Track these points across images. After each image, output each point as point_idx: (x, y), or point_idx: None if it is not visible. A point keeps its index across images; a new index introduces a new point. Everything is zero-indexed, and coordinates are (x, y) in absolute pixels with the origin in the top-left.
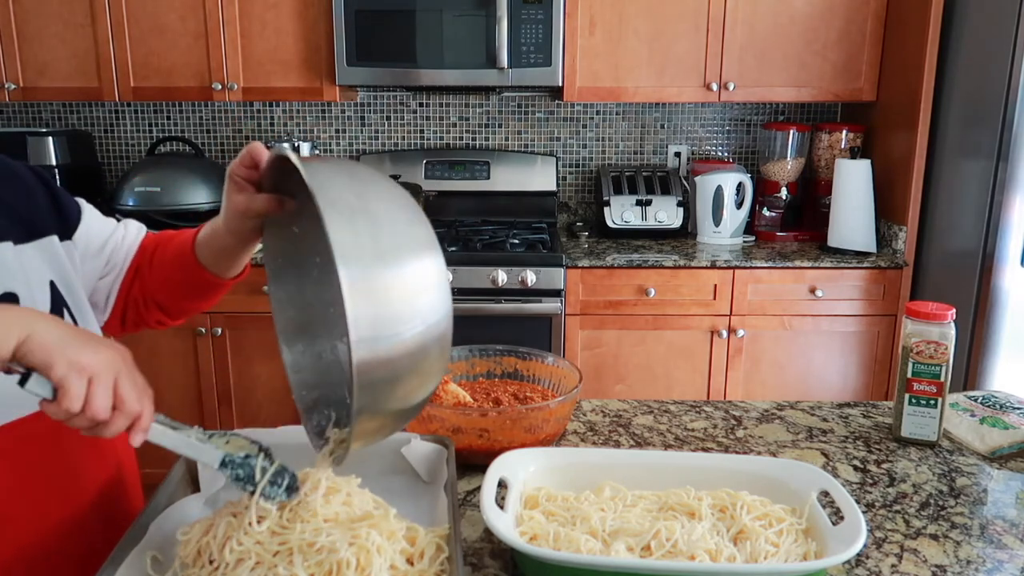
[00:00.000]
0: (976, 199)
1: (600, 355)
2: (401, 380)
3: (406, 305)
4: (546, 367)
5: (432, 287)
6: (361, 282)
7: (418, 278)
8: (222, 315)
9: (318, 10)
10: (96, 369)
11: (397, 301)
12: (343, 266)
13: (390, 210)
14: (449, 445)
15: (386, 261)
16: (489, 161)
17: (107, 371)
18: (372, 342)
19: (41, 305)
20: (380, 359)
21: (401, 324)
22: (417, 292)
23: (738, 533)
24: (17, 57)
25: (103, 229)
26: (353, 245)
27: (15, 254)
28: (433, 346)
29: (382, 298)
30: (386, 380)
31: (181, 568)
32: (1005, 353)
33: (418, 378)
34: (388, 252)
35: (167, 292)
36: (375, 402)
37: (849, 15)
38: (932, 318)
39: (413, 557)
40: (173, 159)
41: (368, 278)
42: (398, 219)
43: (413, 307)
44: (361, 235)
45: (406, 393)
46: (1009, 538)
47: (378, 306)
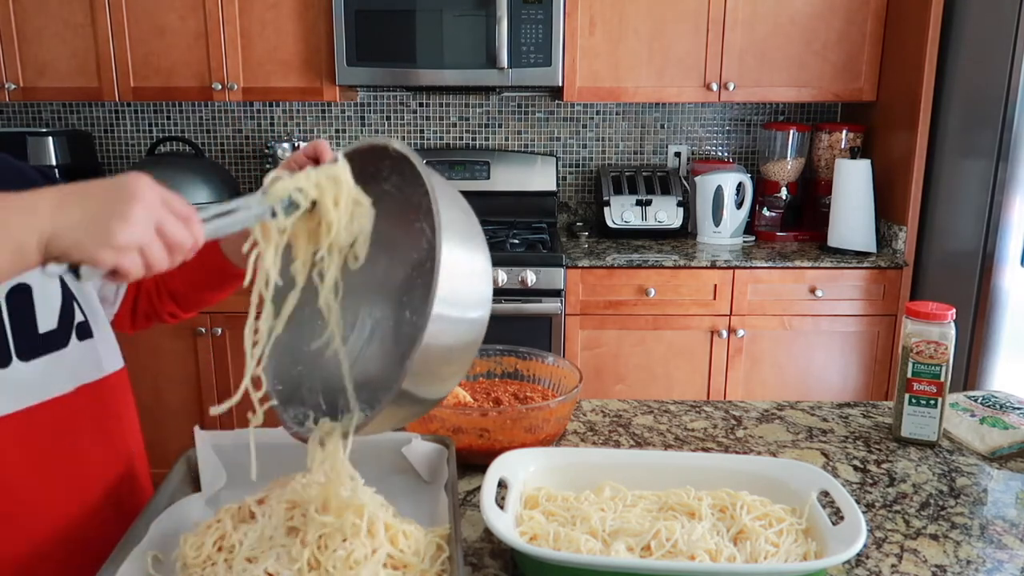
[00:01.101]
0: (976, 199)
1: (600, 355)
2: (451, 362)
3: (476, 291)
4: (546, 367)
5: (489, 284)
6: (453, 262)
7: (486, 268)
8: (222, 315)
9: (318, 10)
10: (138, 239)
11: (473, 286)
12: (447, 242)
13: (467, 205)
14: (449, 445)
15: (471, 246)
16: (489, 161)
17: (148, 232)
18: (445, 321)
19: (52, 298)
20: (444, 338)
21: (470, 308)
22: (485, 281)
23: (738, 533)
24: (17, 57)
25: None
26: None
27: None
28: (478, 337)
29: (465, 280)
30: (440, 360)
31: (182, 569)
32: (1005, 353)
33: (459, 367)
34: (473, 238)
35: (184, 280)
36: (421, 379)
37: (849, 15)
38: (932, 318)
39: (406, 560)
40: (173, 159)
41: (459, 259)
42: (471, 213)
43: (481, 295)
44: (457, 221)
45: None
46: (1009, 538)
47: (460, 287)
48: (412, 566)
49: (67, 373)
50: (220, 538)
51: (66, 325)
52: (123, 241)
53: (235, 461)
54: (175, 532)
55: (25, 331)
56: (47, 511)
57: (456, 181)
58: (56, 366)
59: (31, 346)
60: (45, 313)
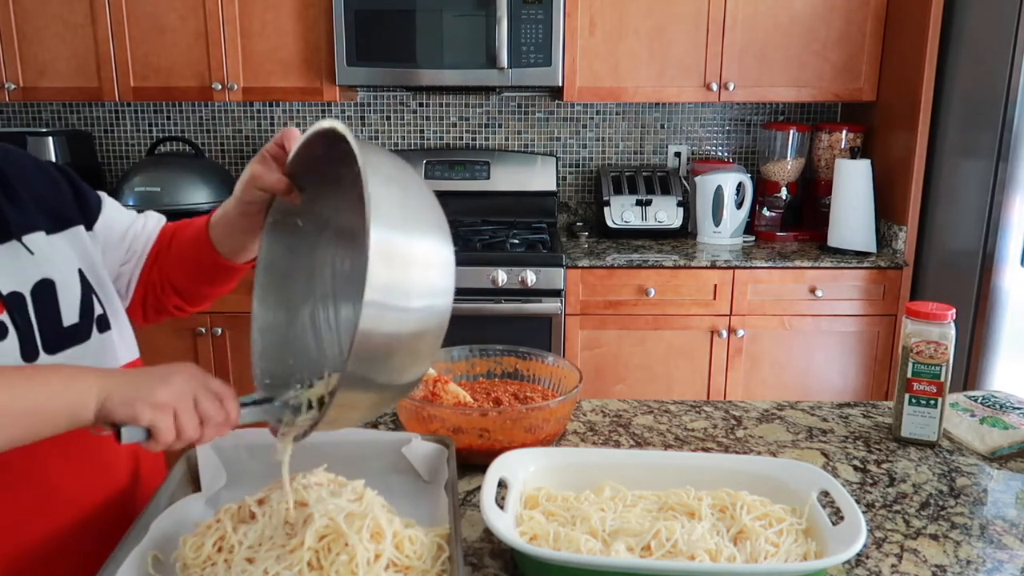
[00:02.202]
0: (976, 199)
1: (600, 355)
2: (397, 352)
3: (420, 277)
4: (546, 367)
5: (444, 265)
6: (386, 246)
7: (433, 253)
8: (222, 315)
9: (318, 10)
10: (174, 402)
11: (415, 274)
12: (376, 227)
13: (418, 186)
14: (449, 445)
15: (410, 229)
16: (489, 161)
17: (184, 398)
18: (382, 307)
19: (74, 291)
20: (384, 326)
21: (412, 296)
22: (430, 266)
23: (738, 533)
24: (17, 57)
25: (123, 220)
26: (388, 208)
27: (48, 243)
28: (433, 326)
29: (402, 267)
30: (383, 348)
31: (182, 570)
32: (1005, 353)
33: (411, 356)
34: (413, 221)
35: (183, 274)
36: (367, 369)
37: (849, 15)
38: (932, 318)
39: (410, 563)
40: (173, 159)
41: (394, 243)
42: (424, 196)
43: (427, 284)
44: (394, 201)
45: (398, 367)
46: (1009, 538)
47: (396, 272)
48: (414, 568)
49: (90, 364)
50: (220, 539)
51: (87, 318)
52: (161, 399)
53: (235, 461)
54: (175, 532)
55: (50, 325)
56: (70, 501)
57: (456, 181)
58: (80, 359)
59: (56, 340)
60: (68, 307)
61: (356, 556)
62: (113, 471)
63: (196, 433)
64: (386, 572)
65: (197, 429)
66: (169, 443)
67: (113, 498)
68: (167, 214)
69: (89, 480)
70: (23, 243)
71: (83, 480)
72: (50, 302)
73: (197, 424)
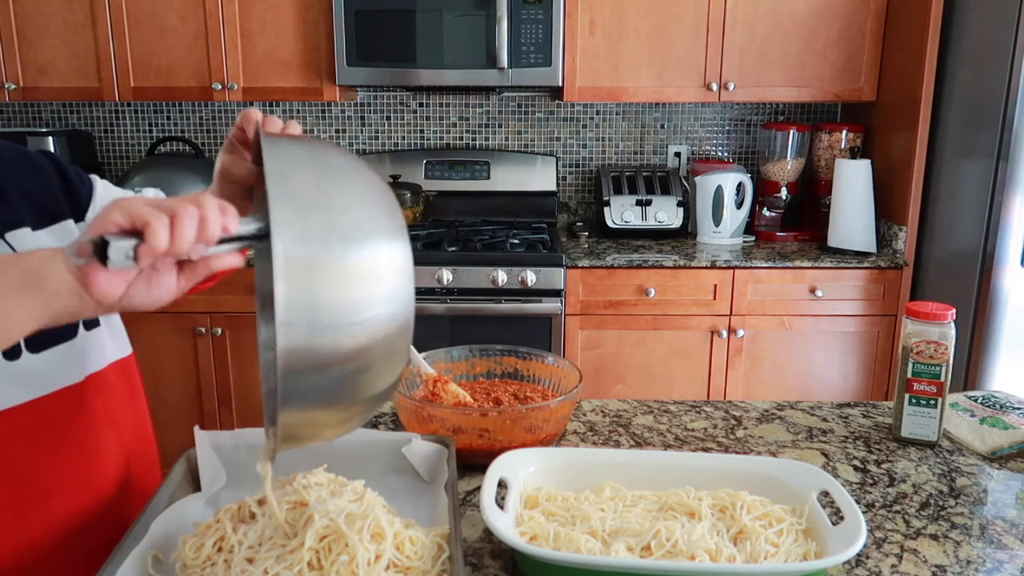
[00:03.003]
0: (976, 199)
1: (600, 355)
2: (337, 368)
3: (350, 292)
4: (546, 367)
5: (385, 277)
6: (299, 260)
7: (365, 261)
8: (222, 315)
9: (318, 10)
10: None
11: (340, 286)
12: (279, 239)
13: (350, 190)
14: (449, 445)
15: (332, 242)
16: (489, 161)
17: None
18: (305, 327)
19: None
20: (312, 347)
21: (342, 312)
22: (366, 280)
23: (738, 533)
24: (17, 57)
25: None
26: (296, 219)
27: (34, 239)
28: (380, 336)
29: (320, 280)
30: (316, 366)
31: (182, 570)
32: (1005, 353)
33: (362, 370)
34: (337, 233)
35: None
36: (303, 394)
37: (849, 15)
38: (932, 318)
39: (410, 564)
40: (173, 159)
41: (308, 256)
42: (358, 201)
43: (360, 296)
44: (309, 212)
45: (351, 382)
46: (1009, 538)
47: (316, 288)
48: (414, 568)
49: (76, 363)
50: (220, 539)
51: None
52: (131, 203)
53: (235, 461)
54: (175, 532)
55: None
56: (58, 500)
57: (456, 181)
58: (65, 356)
59: (41, 338)
60: None
61: (356, 556)
62: (100, 474)
63: (192, 219)
64: (387, 572)
65: (193, 215)
66: (165, 237)
67: (101, 502)
68: None
69: (75, 484)
70: (6, 241)
71: (68, 483)
72: None
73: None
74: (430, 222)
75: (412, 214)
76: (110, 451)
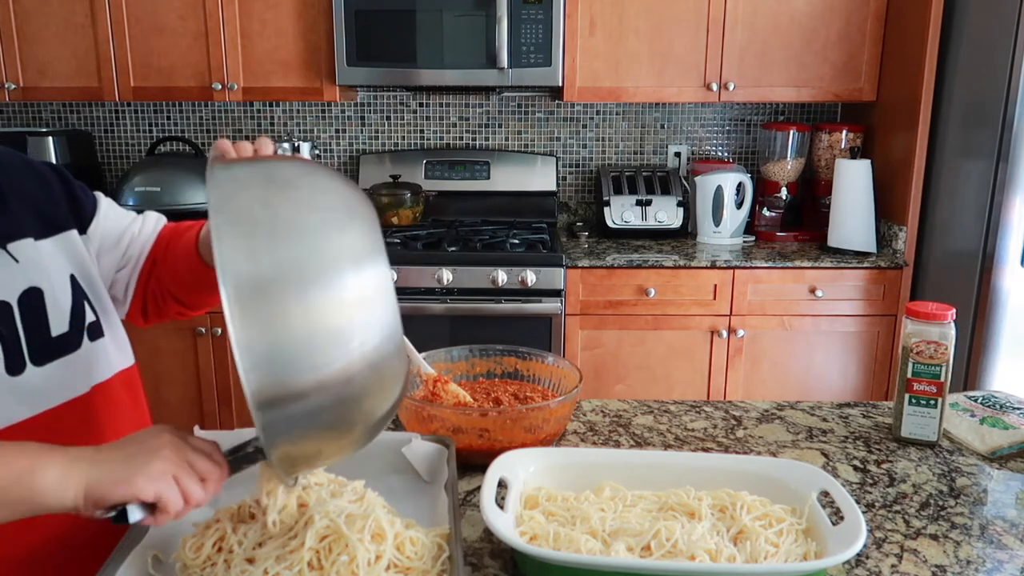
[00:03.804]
0: (976, 199)
1: (600, 355)
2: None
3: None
4: (546, 367)
5: (352, 305)
6: (252, 304)
7: (333, 298)
8: (222, 315)
9: (318, 10)
10: (172, 469)
11: (303, 326)
12: (226, 287)
13: (309, 219)
14: (449, 445)
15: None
16: (489, 161)
17: (180, 463)
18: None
19: (63, 299)
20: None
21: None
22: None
23: (738, 533)
24: (17, 57)
25: (120, 222)
26: (246, 263)
27: (36, 249)
28: (361, 373)
29: (283, 323)
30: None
31: (181, 570)
32: (1005, 353)
33: (351, 400)
34: (292, 275)
35: (179, 287)
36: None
37: (849, 15)
38: (932, 318)
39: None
40: (173, 159)
41: (264, 299)
42: (318, 229)
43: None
44: (259, 251)
45: (341, 412)
46: (1009, 538)
47: (278, 332)
48: (415, 568)
49: (81, 375)
50: (220, 539)
51: (78, 326)
52: (157, 469)
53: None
54: (175, 531)
55: (38, 335)
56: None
57: (456, 181)
58: (69, 369)
59: (44, 350)
60: (57, 316)
61: (357, 557)
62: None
63: (201, 494)
64: (387, 572)
65: (201, 489)
66: (178, 511)
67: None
68: (167, 214)
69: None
70: (8, 251)
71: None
72: (38, 311)
73: (198, 486)
74: (430, 222)
75: (412, 214)
76: None
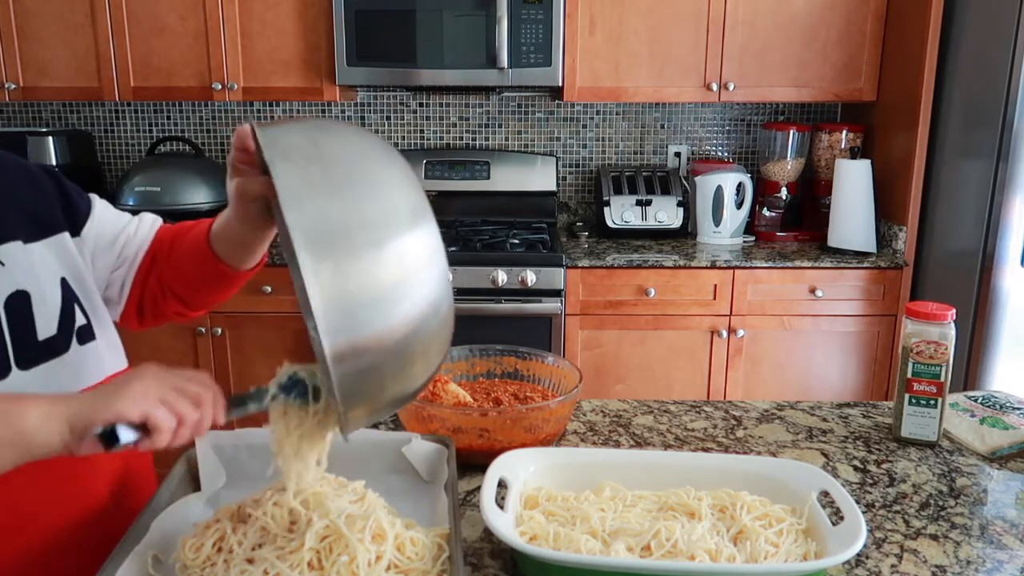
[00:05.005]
0: (976, 199)
1: (600, 355)
2: (388, 369)
3: (388, 286)
4: (546, 367)
5: (420, 264)
6: (328, 265)
7: (400, 255)
8: (222, 315)
9: (318, 10)
10: (159, 391)
11: (375, 283)
12: (305, 251)
13: (368, 178)
14: (449, 445)
15: (358, 239)
16: (489, 161)
17: (167, 386)
18: (348, 331)
19: (51, 302)
20: (359, 348)
21: (383, 309)
22: (401, 271)
23: (738, 533)
24: (17, 57)
25: (115, 223)
26: (319, 227)
27: (24, 253)
28: (426, 328)
29: (357, 282)
30: (370, 369)
31: (181, 570)
32: (1005, 353)
33: (411, 365)
34: (362, 227)
35: (184, 283)
36: (359, 391)
37: (849, 15)
38: (932, 318)
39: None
40: (173, 159)
41: (338, 259)
42: (378, 188)
43: (398, 288)
44: (330, 212)
45: (396, 381)
46: (1009, 538)
47: (352, 291)
48: (415, 569)
49: (69, 378)
50: (220, 539)
51: (67, 330)
52: (139, 390)
53: (235, 461)
54: (175, 531)
55: (24, 339)
56: (50, 516)
57: (456, 181)
58: (57, 372)
59: (31, 354)
60: (44, 319)
61: (357, 557)
62: (90, 489)
63: (195, 414)
64: (387, 573)
65: (194, 411)
66: (171, 431)
67: (91, 517)
68: (167, 214)
69: (70, 501)
70: None
71: (63, 501)
72: (24, 314)
73: (192, 407)
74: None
75: None
76: (105, 465)
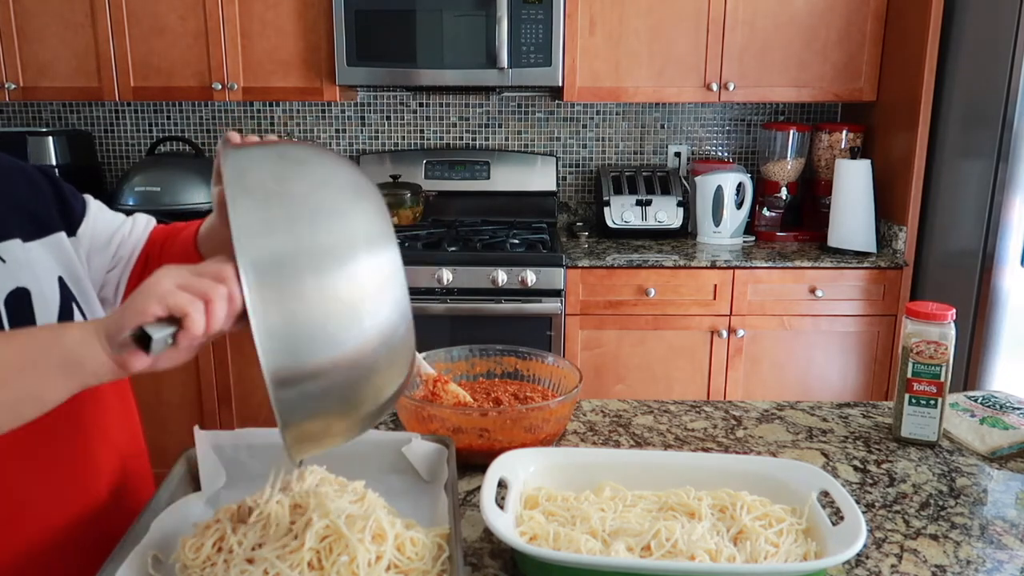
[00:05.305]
0: (976, 199)
1: (600, 355)
2: (332, 397)
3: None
4: (546, 367)
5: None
6: (272, 292)
7: (350, 284)
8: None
9: (318, 10)
10: (181, 283)
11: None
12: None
13: (328, 209)
14: (449, 445)
15: (305, 272)
16: (489, 161)
17: (186, 276)
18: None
19: (51, 300)
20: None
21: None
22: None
23: (738, 533)
24: (17, 57)
25: (109, 224)
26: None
27: (23, 251)
28: (376, 354)
29: (304, 314)
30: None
31: (181, 570)
32: (1005, 353)
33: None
34: (310, 259)
35: None
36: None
37: (849, 15)
38: (932, 318)
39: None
40: (173, 159)
41: (283, 292)
42: (336, 219)
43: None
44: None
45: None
46: (1009, 538)
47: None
48: (415, 569)
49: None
50: (220, 539)
51: None
52: (163, 288)
53: (235, 461)
54: (175, 531)
55: None
56: (48, 515)
57: (456, 181)
58: None
59: None
60: (44, 316)
61: (357, 557)
62: (90, 488)
63: (220, 287)
64: (387, 573)
65: (218, 285)
66: (201, 313)
67: (90, 517)
68: (167, 214)
69: (69, 499)
70: None
71: (62, 499)
72: (25, 312)
73: (213, 282)
74: (430, 222)
75: (412, 214)
76: (104, 465)
